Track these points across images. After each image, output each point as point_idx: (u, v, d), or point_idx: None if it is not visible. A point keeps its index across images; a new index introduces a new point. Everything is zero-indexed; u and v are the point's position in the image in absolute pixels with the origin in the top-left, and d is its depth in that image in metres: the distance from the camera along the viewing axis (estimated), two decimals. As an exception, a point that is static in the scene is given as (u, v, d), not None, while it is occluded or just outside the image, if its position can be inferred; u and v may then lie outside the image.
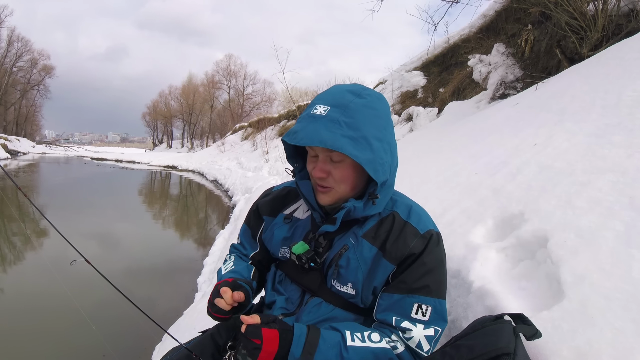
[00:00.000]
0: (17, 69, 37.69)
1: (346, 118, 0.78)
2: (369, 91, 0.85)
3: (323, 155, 0.83)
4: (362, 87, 0.86)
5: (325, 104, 0.80)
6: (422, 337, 0.80)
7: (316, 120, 0.79)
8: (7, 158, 22.95)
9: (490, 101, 4.84)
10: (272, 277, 0.99)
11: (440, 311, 0.82)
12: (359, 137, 0.78)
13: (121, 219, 6.84)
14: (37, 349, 2.42)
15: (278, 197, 1.04)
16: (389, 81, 9.40)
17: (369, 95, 0.83)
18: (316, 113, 0.80)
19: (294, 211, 0.99)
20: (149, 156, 28.61)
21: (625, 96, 1.75)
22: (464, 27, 7.52)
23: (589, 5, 3.36)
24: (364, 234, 0.87)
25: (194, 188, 13.02)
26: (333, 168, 0.83)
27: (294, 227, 0.96)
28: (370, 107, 0.82)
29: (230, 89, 40.56)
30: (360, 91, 0.83)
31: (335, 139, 0.76)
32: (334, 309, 0.87)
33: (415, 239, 0.84)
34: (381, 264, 0.84)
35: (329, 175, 0.83)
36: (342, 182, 0.84)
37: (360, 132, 0.78)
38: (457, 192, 1.96)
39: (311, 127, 0.78)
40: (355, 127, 0.78)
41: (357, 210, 0.85)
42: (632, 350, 0.71)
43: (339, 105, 0.80)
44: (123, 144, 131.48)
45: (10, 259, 4.38)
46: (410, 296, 0.81)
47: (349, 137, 0.77)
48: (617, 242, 0.97)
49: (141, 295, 3.37)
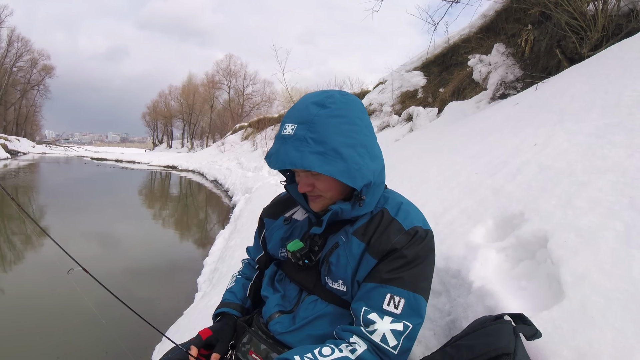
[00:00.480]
0: (17, 69, 37.71)
1: (312, 134, 0.80)
2: (334, 99, 0.84)
3: (303, 172, 0.86)
4: (327, 95, 0.85)
5: (292, 122, 0.82)
6: (387, 330, 0.76)
7: (285, 141, 0.81)
8: (7, 158, 22.96)
9: (490, 101, 4.84)
10: (272, 274, 1.03)
11: (415, 306, 0.79)
12: (328, 150, 0.79)
13: (121, 219, 6.84)
14: (40, 348, 2.42)
15: (280, 201, 1.11)
16: (389, 81, 9.40)
17: (333, 104, 0.83)
18: (285, 133, 0.82)
19: (294, 213, 1.04)
20: (149, 156, 28.62)
21: (625, 96, 1.75)
22: (464, 27, 7.52)
23: (589, 5, 3.35)
24: (354, 231, 0.88)
25: (194, 188, 13.02)
26: (315, 180, 0.86)
27: (292, 228, 1.00)
28: (336, 115, 0.82)
29: (230, 89, 40.59)
30: (324, 101, 0.83)
31: (303, 158, 0.78)
32: (328, 306, 0.89)
33: (399, 234, 0.84)
34: (365, 259, 0.85)
35: (314, 188, 0.87)
36: (327, 190, 0.87)
37: (328, 145, 0.79)
38: (457, 192, 1.96)
39: (282, 149, 0.81)
40: (322, 141, 0.79)
41: (345, 212, 0.87)
42: (632, 350, 0.71)
43: (304, 122, 0.81)
44: (123, 144, 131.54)
45: (11, 259, 4.38)
46: (383, 286, 0.79)
47: (317, 153, 0.79)
48: (617, 242, 0.96)
49: (141, 295, 3.37)
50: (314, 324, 0.89)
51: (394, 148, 5.47)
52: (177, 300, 3.09)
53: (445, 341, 0.86)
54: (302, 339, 0.89)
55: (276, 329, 0.92)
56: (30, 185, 11.65)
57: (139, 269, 3.95)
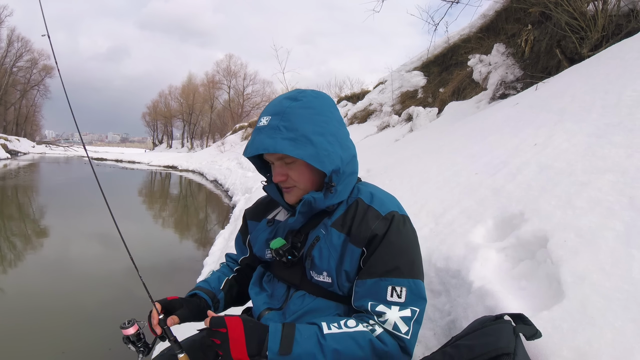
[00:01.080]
0: (17, 69, 37.70)
1: (284, 122, 0.86)
2: (305, 93, 0.92)
3: (277, 162, 0.91)
4: (299, 90, 0.94)
5: (267, 115, 0.89)
6: (397, 319, 0.80)
7: (260, 131, 0.87)
8: (7, 158, 22.97)
9: (490, 101, 4.84)
10: (260, 275, 1.05)
11: (416, 291, 0.82)
12: (298, 136, 0.85)
13: (121, 219, 6.82)
14: (44, 344, 2.43)
15: (262, 203, 1.13)
16: (389, 81, 9.41)
17: (304, 97, 0.90)
18: (260, 125, 0.88)
19: (276, 215, 1.07)
20: (149, 156, 28.63)
21: (625, 96, 1.75)
22: (464, 27, 7.53)
23: (589, 5, 3.36)
24: (332, 223, 0.92)
25: (194, 188, 13.02)
26: (289, 170, 0.90)
27: (275, 229, 1.03)
28: (307, 107, 0.89)
29: (230, 89, 40.59)
30: (296, 95, 0.91)
31: (275, 143, 0.84)
32: (315, 300, 0.90)
33: (377, 220, 0.87)
34: (348, 249, 0.87)
35: (287, 178, 0.90)
36: (300, 179, 0.91)
37: (299, 132, 0.85)
38: (457, 192, 1.96)
39: (257, 138, 0.87)
40: (293, 128, 0.86)
41: (318, 201, 0.90)
42: (632, 350, 0.71)
43: (277, 113, 0.87)
44: (123, 144, 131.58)
45: (11, 259, 4.38)
46: (383, 279, 0.82)
47: (288, 139, 0.85)
48: (617, 242, 0.97)
49: (142, 294, 3.37)
50: (304, 318, 0.90)
51: (394, 148, 5.47)
52: (177, 300, 3.09)
53: (445, 341, 0.86)
54: None
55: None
56: (30, 185, 11.66)
57: (139, 268, 3.95)
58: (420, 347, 1.19)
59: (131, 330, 0.92)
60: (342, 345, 0.76)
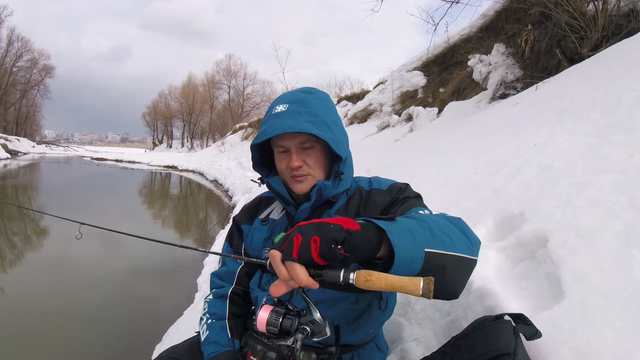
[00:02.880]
0: (17, 69, 37.68)
1: (304, 108, 0.90)
2: (316, 89, 0.99)
3: (295, 147, 0.92)
4: (310, 87, 1.00)
5: (282, 103, 0.92)
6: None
7: (279, 116, 0.90)
8: (7, 158, 22.96)
9: (490, 101, 4.84)
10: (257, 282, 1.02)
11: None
12: (319, 121, 0.90)
13: (121, 219, 6.84)
14: (59, 335, 2.43)
15: (251, 206, 1.12)
16: (389, 81, 9.40)
17: (317, 92, 0.97)
18: (277, 111, 0.91)
19: (269, 214, 1.06)
20: (149, 156, 28.61)
21: (625, 96, 1.75)
22: (464, 27, 7.52)
23: (589, 5, 3.35)
24: (336, 212, 0.95)
25: (194, 188, 13.02)
26: (306, 156, 0.92)
27: (272, 227, 1.02)
28: (321, 99, 0.95)
29: (230, 89, 40.58)
30: (309, 90, 0.97)
31: (301, 124, 0.87)
32: (323, 291, 0.90)
33: (383, 195, 0.93)
34: None
35: (304, 164, 0.92)
36: (316, 166, 0.93)
37: (319, 117, 0.90)
38: (457, 192, 1.96)
39: (276, 121, 0.89)
40: (314, 114, 0.90)
41: (327, 188, 0.93)
42: (632, 350, 0.71)
43: (295, 102, 0.91)
44: (123, 144, 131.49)
45: (12, 258, 4.38)
46: (411, 210, 0.83)
47: (311, 122, 0.88)
48: (617, 242, 0.97)
49: (141, 294, 3.37)
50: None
51: (394, 148, 5.47)
52: (177, 300, 3.09)
53: (445, 341, 0.86)
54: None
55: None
56: (30, 185, 11.65)
57: (139, 268, 3.96)
58: (420, 347, 1.19)
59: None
60: (431, 219, 0.69)
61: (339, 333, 0.89)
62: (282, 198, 0.98)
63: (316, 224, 0.58)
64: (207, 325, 0.99)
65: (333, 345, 0.90)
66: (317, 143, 0.92)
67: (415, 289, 0.53)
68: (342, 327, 0.90)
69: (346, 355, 0.93)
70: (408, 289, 0.53)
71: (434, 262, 0.61)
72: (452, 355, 0.74)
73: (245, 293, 1.04)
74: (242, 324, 1.02)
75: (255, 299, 1.00)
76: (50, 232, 5.47)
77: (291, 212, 0.99)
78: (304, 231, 0.57)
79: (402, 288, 0.53)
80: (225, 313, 1.01)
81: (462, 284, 0.68)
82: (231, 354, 0.93)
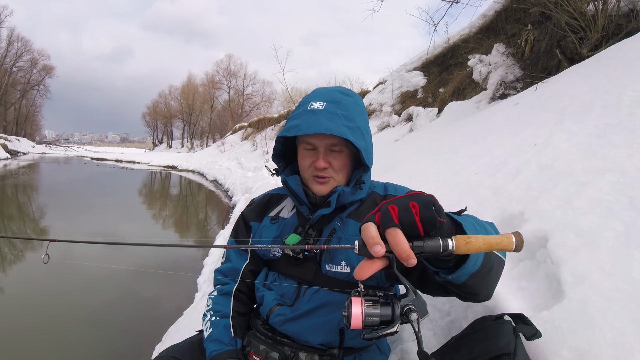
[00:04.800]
0: (17, 69, 37.69)
1: (342, 111, 0.88)
2: (352, 92, 0.97)
3: (324, 147, 0.90)
4: (346, 88, 0.98)
5: (320, 100, 0.89)
6: None
7: (315, 113, 0.87)
8: (7, 158, 22.96)
9: (490, 101, 4.84)
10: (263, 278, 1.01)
11: None
12: (355, 127, 0.88)
13: (121, 219, 6.84)
14: (71, 327, 2.47)
15: (261, 203, 1.09)
16: (389, 81, 9.40)
17: (354, 95, 0.96)
18: (314, 108, 0.88)
19: (279, 212, 1.04)
20: (148, 156, 28.61)
21: (625, 96, 1.75)
22: (464, 27, 7.52)
23: (589, 5, 3.35)
24: (348, 215, 0.94)
25: (194, 188, 13.02)
26: (333, 159, 0.91)
27: (282, 226, 1.00)
28: (358, 104, 0.94)
29: (230, 89, 40.58)
30: (347, 91, 0.95)
31: (338, 127, 0.85)
32: (330, 294, 0.89)
33: None
34: None
35: (329, 166, 0.91)
36: (340, 171, 0.92)
37: (355, 124, 0.89)
38: (457, 192, 1.96)
39: (313, 119, 0.87)
40: (351, 119, 0.89)
41: (346, 195, 0.92)
42: (632, 351, 0.71)
43: (333, 102, 0.90)
44: (123, 144, 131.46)
45: (12, 259, 4.38)
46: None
47: (348, 127, 0.87)
48: (617, 242, 0.96)
49: (142, 294, 3.37)
50: (317, 312, 0.89)
51: (394, 148, 5.47)
52: (177, 300, 3.09)
53: (445, 341, 0.86)
54: (305, 327, 0.89)
55: (278, 320, 0.92)
56: (30, 184, 11.65)
57: (139, 268, 3.96)
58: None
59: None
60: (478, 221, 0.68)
61: (344, 336, 0.89)
62: (297, 198, 0.97)
63: (406, 195, 0.54)
64: (211, 323, 0.98)
65: (336, 347, 0.90)
66: (346, 147, 0.91)
67: (509, 243, 0.54)
68: (347, 330, 0.89)
69: (348, 357, 0.93)
70: (503, 244, 0.54)
71: (488, 261, 0.63)
72: (452, 355, 0.74)
73: (249, 290, 1.03)
74: (246, 322, 1.01)
75: (260, 298, 0.99)
76: (50, 233, 5.47)
77: (303, 212, 0.98)
78: (397, 202, 0.52)
79: (498, 245, 0.54)
80: (229, 311, 0.99)
81: (496, 285, 0.71)
82: (233, 354, 0.92)
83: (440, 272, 0.61)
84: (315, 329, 0.89)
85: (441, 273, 0.61)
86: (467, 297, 0.71)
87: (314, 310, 0.89)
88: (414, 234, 0.51)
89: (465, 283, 0.62)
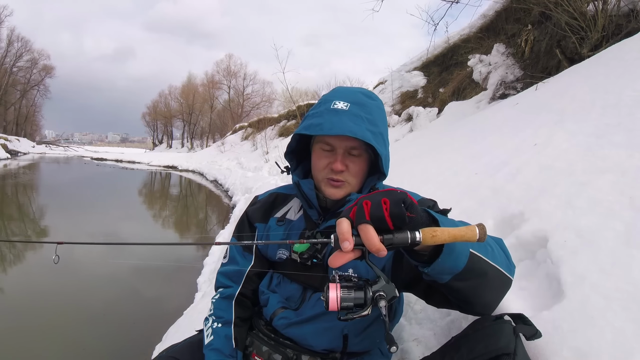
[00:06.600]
0: (17, 69, 37.69)
1: (366, 114, 0.86)
2: (375, 95, 0.94)
3: (343, 150, 0.88)
4: (369, 91, 0.95)
5: (343, 100, 0.87)
6: None
7: (339, 113, 0.84)
8: (7, 158, 22.96)
9: (490, 101, 4.84)
10: (267, 282, 1.00)
11: None
12: (377, 132, 0.86)
13: (121, 219, 6.84)
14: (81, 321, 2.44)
15: (266, 203, 1.05)
16: (389, 81, 9.40)
17: (377, 99, 0.93)
18: (337, 107, 0.85)
19: (285, 214, 1.01)
20: (149, 156, 28.59)
21: (625, 96, 1.75)
22: (464, 27, 7.51)
23: (589, 5, 3.35)
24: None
25: (194, 188, 13.02)
26: (350, 162, 0.89)
27: (288, 228, 0.98)
28: (380, 108, 0.91)
29: (230, 89, 40.59)
30: (370, 94, 0.93)
31: (362, 131, 0.82)
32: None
33: None
34: None
35: (346, 169, 0.89)
36: (356, 175, 0.90)
37: (378, 129, 0.86)
38: (457, 192, 1.96)
39: (336, 119, 0.84)
40: (375, 123, 0.86)
41: None
42: (632, 351, 0.71)
43: (357, 103, 0.87)
44: (123, 144, 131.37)
45: (11, 259, 4.38)
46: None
47: (371, 132, 0.84)
48: (617, 242, 0.96)
49: (142, 294, 3.37)
50: (321, 317, 0.89)
51: (394, 148, 5.45)
52: (178, 300, 3.09)
53: (445, 341, 0.86)
54: (309, 331, 0.89)
55: (281, 323, 0.92)
56: (30, 184, 11.65)
57: (139, 267, 3.96)
58: (420, 347, 1.19)
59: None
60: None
61: (347, 342, 0.89)
62: (308, 201, 0.94)
63: (381, 192, 0.58)
64: (213, 330, 0.97)
65: (339, 352, 0.89)
66: (365, 152, 0.89)
67: (473, 235, 0.57)
68: (350, 336, 0.89)
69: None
70: (467, 236, 0.57)
71: (477, 265, 0.63)
72: (452, 355, 0.74)
73: (253, 294, 1.01)
74: (248, 327, 1.00)
75: (265, 301, 0.98)
76: (51, 232, 5.47)
77: (312, 215, 0.95)
78: (372, 198, 0.57)
79: (462, 237, 0.57)
80: (231, 317, 0.97)
81: (498, 299, 0.71)
82: None
83: (419, 266, 0.64)
84: (319, 334, 0.88)
85: (420, 267, 0.64)
86: (462, 306, 0.74)
87: (318, 316, 0.89)
88: (384, 228, 0.55)
89: (451, 285, 0.64)
